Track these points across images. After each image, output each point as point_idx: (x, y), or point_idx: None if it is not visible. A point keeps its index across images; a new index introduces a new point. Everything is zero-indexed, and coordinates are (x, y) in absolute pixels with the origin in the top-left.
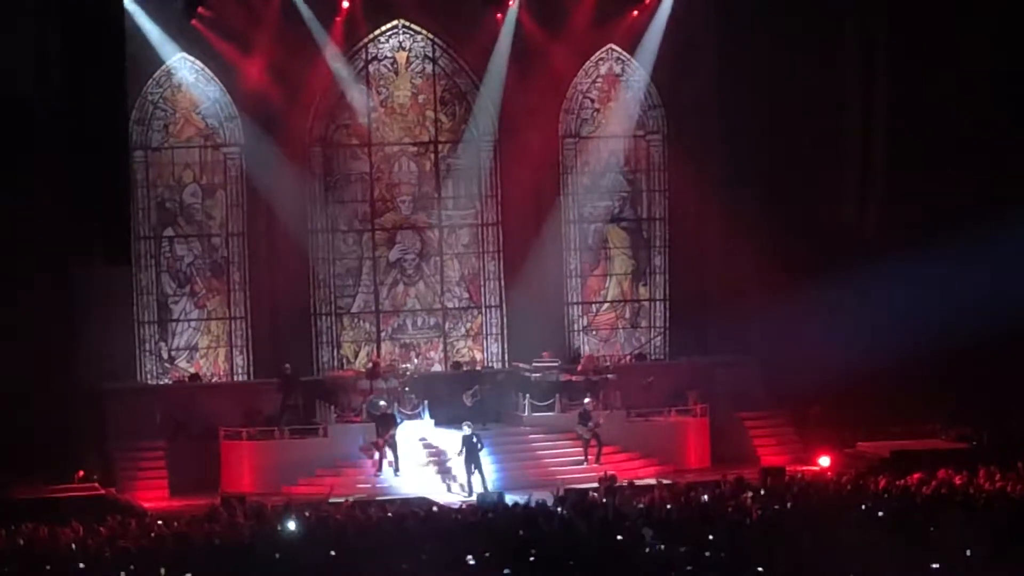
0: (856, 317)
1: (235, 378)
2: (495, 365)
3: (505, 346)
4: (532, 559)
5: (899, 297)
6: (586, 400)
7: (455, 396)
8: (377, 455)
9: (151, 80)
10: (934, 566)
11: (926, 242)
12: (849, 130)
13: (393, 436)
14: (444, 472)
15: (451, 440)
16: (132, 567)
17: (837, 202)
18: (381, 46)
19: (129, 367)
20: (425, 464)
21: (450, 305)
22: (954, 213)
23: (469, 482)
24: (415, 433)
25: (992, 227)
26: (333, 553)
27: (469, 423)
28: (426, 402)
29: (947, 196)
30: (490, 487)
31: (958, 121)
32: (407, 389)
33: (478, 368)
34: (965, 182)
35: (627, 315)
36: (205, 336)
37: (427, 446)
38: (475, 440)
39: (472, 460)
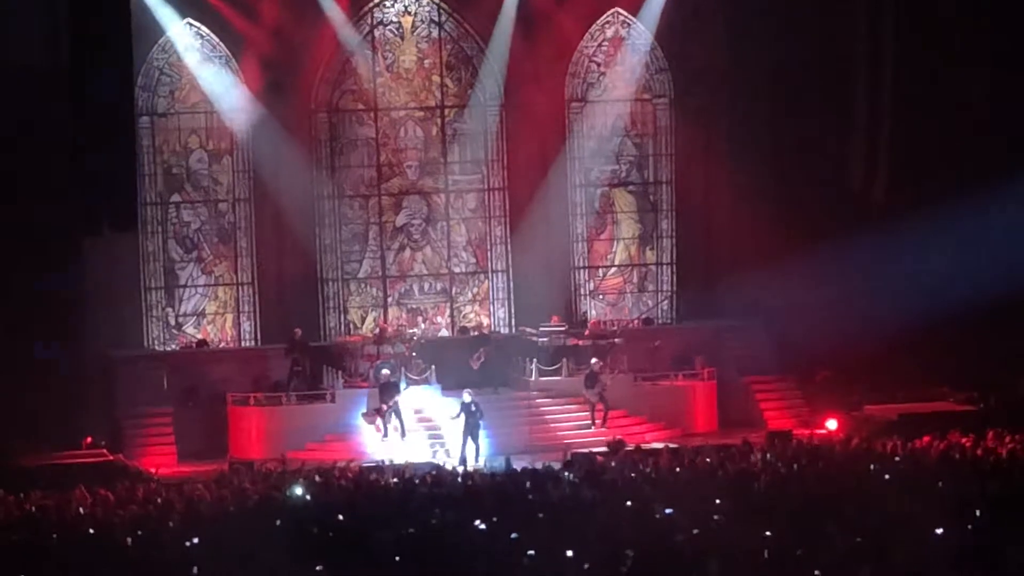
0: (863, 281)
1: (242, 344)
2: (502, 330)
3: (512, 311)
4: (540, 523)
5: (906, 261)
6: (593, 360)
7: (462, 361)
8: (380, 421)
9: (156, 46)
10: (938, 531)
11: (933, 206)
12: (857, 94)
13: (396, 402)
14: (436, 440)
15: (449, 408)
16: (140, 532)
17: (845, 166)
18: (387, 11)
19: (136, 333)
20: (416, 431)
21: (457, 270)
22: (961, 178)
23: (463, 451)
24: (414, 403)
25: (999, 191)
26: (341, 517)
27: (470, 390)
28: (433, 367)
29: (954, 161)
30: (483, 458)
31: (967, 85)
32: (414, 354)
33: (485, 332)
34: (972, 147)
35: (634, 279)
36: (212, 302)
37: (422, 419)
38: (474, 408)
39: (469, 429)
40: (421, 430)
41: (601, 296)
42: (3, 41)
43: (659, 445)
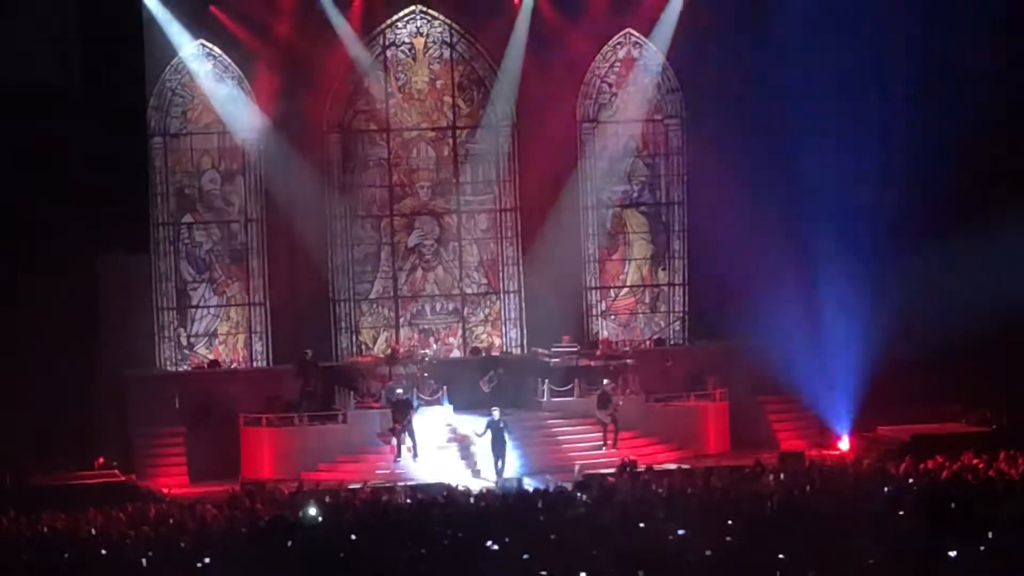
0: (875, 302)
1: (254, 364)
2: (514, 350)
3: (524, 331)
4: (552, 544)
5: (919, 281)
6: (605, 382)
7: (474, 382)
8: (395, 441)
9: (169, 67)
10: (951, 554)
11: (945, 227)
12: (869, 112)
13: (410, 422)
14: (467, 457)
15: (473, 425)
16: (151, 553)
17: (856, 186)
18: (399, 31)
19: (148, 354)
20: (446, 449)
21: (468, 290)
22: (973, 199)
23: (498, 467)
24: (437, 419)
25: (1013, 211)
26: (353, 537)
27: (499, 408)
28: (445, 388)
29: (966, 182)
30: (507, 475)
31: (980, 103)
32: (426, 375)
33: (496, 353)
34: (987, 165)
35: (646, 299)
36: (224, 322)
37: (451, 431)
38: (501, 426)
39: (497, 446)
40: (453, 448)
41: (613, 316)
42: (16, 61)
43: (671, 466)
